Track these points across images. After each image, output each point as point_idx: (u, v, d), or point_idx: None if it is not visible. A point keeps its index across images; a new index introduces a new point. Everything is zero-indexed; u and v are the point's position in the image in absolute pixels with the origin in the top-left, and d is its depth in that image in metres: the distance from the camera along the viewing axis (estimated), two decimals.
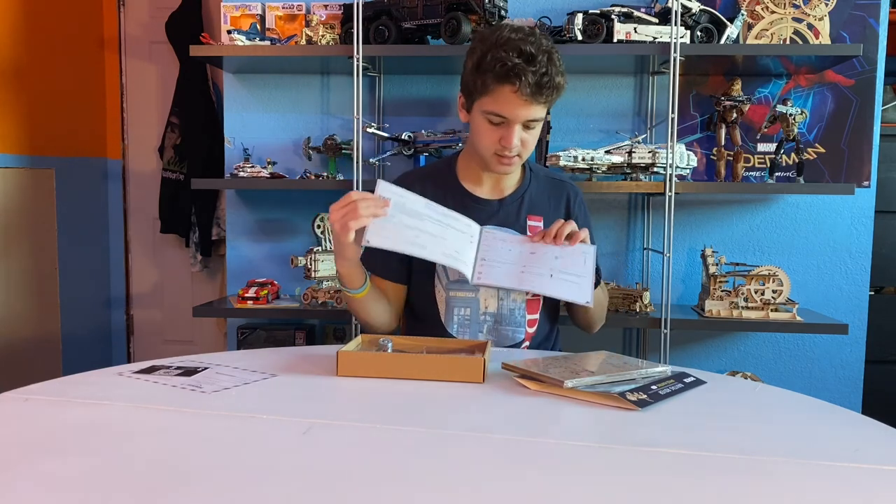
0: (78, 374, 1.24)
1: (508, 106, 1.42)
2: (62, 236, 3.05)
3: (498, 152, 1.48)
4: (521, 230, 1.57)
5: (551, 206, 1.62)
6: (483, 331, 1.58)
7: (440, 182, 1.62)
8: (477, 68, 1.43)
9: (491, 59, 1.40)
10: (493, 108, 1.44)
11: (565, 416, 1.07)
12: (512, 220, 1.59)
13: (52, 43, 3.00)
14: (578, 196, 1.66)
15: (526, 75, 1.38)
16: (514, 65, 1.37)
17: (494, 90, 1.42)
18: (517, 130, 1.45)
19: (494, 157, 1.50)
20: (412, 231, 1.38)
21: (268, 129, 2.45)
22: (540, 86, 1.39)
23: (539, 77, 1.38)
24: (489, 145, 1.49)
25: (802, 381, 2.38)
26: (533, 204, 1.61)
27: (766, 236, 2.36)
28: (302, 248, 2.39)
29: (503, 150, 1.47)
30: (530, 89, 1.39)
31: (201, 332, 3.37)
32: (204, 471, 0.83)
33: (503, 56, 1.38)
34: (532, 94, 1.40)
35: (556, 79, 1.41)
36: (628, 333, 2.45)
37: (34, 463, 0.84)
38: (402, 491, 0.79)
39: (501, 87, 1.40)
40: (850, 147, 2.30)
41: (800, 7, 2.19)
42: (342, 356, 1.25)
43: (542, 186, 1.64)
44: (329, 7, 2.27)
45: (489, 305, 1.58)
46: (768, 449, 0.93)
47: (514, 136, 1.45)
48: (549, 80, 1.39)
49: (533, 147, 1.51)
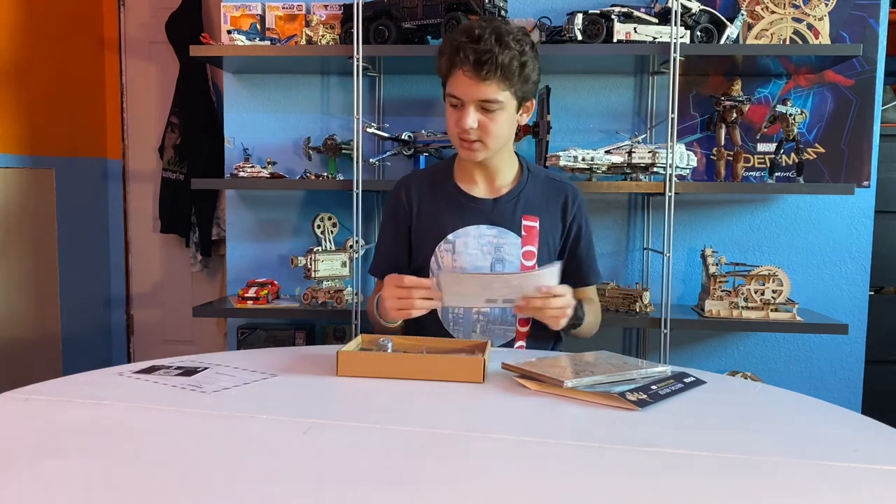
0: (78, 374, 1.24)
1: (459, 86, 1.48)
2: (62, 236, 3.05)
3: (460, 136, 1.53)
4: (517, 230, 1.59)
5: (548, 206, 1.63)
6: (476, 330, 1.61)
7: (437, 182, 1.66)
8: (438, 55, 1.53)
9: (445, 42, 1.52)
10: (450, 89, 1.51)
11: (565, 416, 1.07)
12: (507, 218, 1.60)
13: (52, 43, 3.00)
14: (578, 198, 1.66)
15: (466, 52, 1.44)
16: (459, 43, 1.45)
17: (450, 73, 1.50)
18: (471, 111, 1.48)
19: (458, 141, 1.55)
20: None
21: (268, 129, 2.45)
22: (480, 63, 1.43)
23: (480, 54, 1.43)
24: (452, 129, 1.54)
25: (802, 381, 2.38)
26: (529, 204, 1.62)
27: (766, 236, 2.36)
28: (302, 248, 2.39)
29: (462, 133, 1.51)
30: (471, 66, 1.44)
31: (201, 332, 3.37)
32: (204, 471, 0.83)
33: (453, 37, 1.48)
34: (474, 71, 1.44)
35: (499, 58, 1.43)
36: (628, 333, 2.45)
37: (34, 463, 0.84)
38: (402, 491, 0.79)
39: (454, 68, 1.48)
40: (849, 147, 2.30)
41: (800, 7, 2.19)
42: (342, 356, 1.25)
43: (540, 187, 1.65)
44: (329, 7, 2.27)
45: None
46: (768, 449, 0.93)
47: (467, 117, 1.48)
48: (490, 58, 1.42)
49: (498, 134, 1.52)
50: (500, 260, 1.59)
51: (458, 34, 1.48)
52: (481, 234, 1.60)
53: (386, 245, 1.71)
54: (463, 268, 1.59)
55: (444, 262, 1.61)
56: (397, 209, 1.68)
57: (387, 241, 1.71)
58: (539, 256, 1.60)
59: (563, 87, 2.33)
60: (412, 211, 1.66)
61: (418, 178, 1.70)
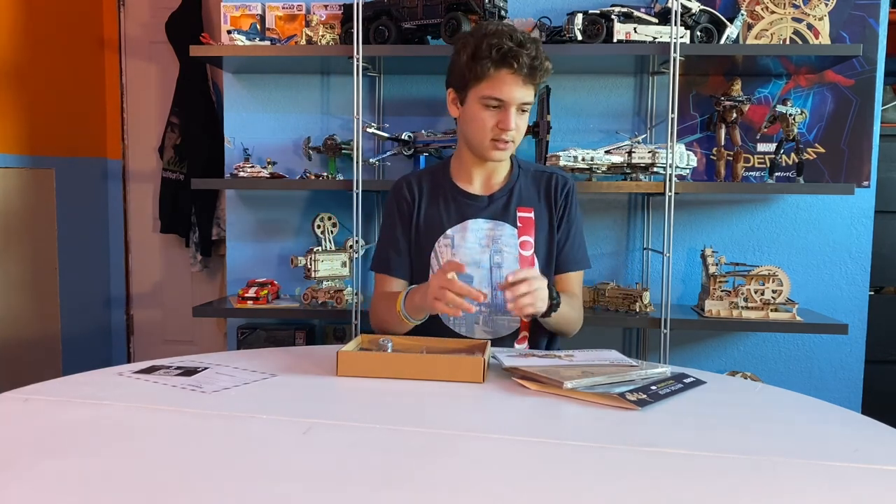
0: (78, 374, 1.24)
1: (506, 88, 1.51)
2: (62, 236, 3.05)
3: (495, 137, 1.56)
4: (511, 222, 1.64)
5: (539, 197, 1.68)
6: (479, 322, 1.62)
7: (436, 181, 1.71)
8: (473, 57, 1.53)
9: (486, 47, 1.50)
10: (490, 92, 1.52)
11: (565, 416, 1.07)
12: (501, 212, 1.65)
13: (52, 43, 3.00)
14: (566, 185, 1.69)
15: (522, 57, 1.49)
16: (510, 48, 1.49)
17: (493, 75, 1.51)
18: (513, 113, 1.53)
19: (490, 143, 1.57)
20: None
21: (268, 129, 2.45)
22: (534, 67, 1.50)
23: (531, 59, 1.50)
24: (486, 131, 1.56)
25: (802, 381, 2.37)
26: (522, 197, 1.67)
27: (766, 236, 2.36)
28: (302, 248, 2.39)
29: (500, 134, 1.55)
30: (527, 70, 1.50)
31: (201, 332, 3.37)
32: (204, 471, 0.83)
33: (498, 42, 1.49)
34: (528, 75, 1.51)
35: (545, 63, 1.53)
36: (628, 333, 2.45)
37: (34, 463, 0.84)
38: (402, 491, 0.79)
39: (499, 70, 1.51)
40: (849, 147, 2.30)
41: (800, 7, 2.19)
42: (342, 356, 1.25)
43: (530, 180, 1.70)
44: (329, 7, 2.27)
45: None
46: (768, 449, 0.93)
47: (511, 118, 1.53)
48: (540, 63, 1.52)
49: (524, 131, 1.60)
50: (498, 251, 1.63)
51: (496, 38, 1.49)
52: (479, 227, 1.64)
53: (391, 240, 1.71)
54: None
55: (444, 256, 1.63)
56: (401, 205, 1.70)
57: (392, 236, 1.71)
58: (536, 246, 1.63)
59: (563, 87, 2.33)
60: (415, 207, 1.69)
61: (418, 177, 1.73)
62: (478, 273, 1.62)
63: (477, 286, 1.59)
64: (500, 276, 1.60)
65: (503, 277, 1.58)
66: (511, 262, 1.62)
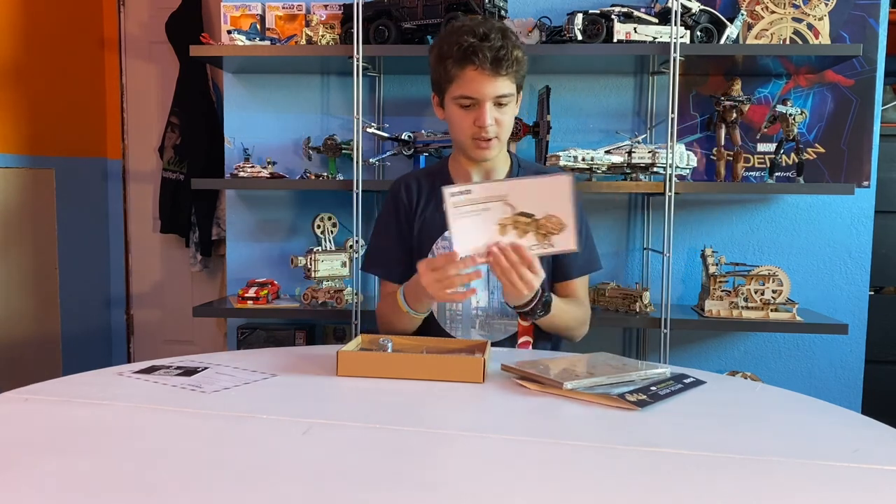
0: (78, 374, 1.24)
1: (474, 85, 1.48)
2: (62, 236, 3.05)
3: (475, 136, 1.53)
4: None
5: None
6: (475, 325, 1.61)
7: (434, 182, 1.67)
8: (438, 59, 1.51)
9: (448, 46, 1.49)
10: (461, 91, 1.50)
11: (565, 416, 1.07)
12: None
13: (52, 43, 3.00)
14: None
15: (482, 51, 1.45)
16: (469, 44, 1.45)
17: (458, 74, 1.49)
18: (489, 108, 1.50)
19: (473, 142, 1.55)
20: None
21: (268, 129, 2.45)
22: (498, 59, 1.46)
23: (496, 51, 1.45)
24: (466, 131, 1.54)
25: (802, 381, 2.37)
26: None
27: (766, 236, 2.36)
28: (302, 248, 2.39)
29: (479, 132, 1.52)
30: (489, 63, 1.46)
31: (201, 332, 3.37)
32: (204, 471, 0.83)
33: (458, 40, 1.47)
34: (493, 68, 1.46)
35: (513, 52, 1.47)
36: (628, 333, 2.45)
37: (34, 463, 0.84)
38: (402, 491, 0.79)
39: (464, 68, 1.48)
40: (849, 147, 2.30)
41: (800, 7, 2.19)
42: (342, 356, 1.25)
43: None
44: (329, 7, 2.27)
45: (480, 300, 1.60)
46: (768, 449, 0.93)
47: (486, 114, 1.50)
48: (506, 53, 1.46)
49: (509, 127, 1.56)
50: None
51: (457, 35, 1.47)
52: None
53: (386, 241, 1.70)
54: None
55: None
56: (398, 206, 1.68)
57: (387, 237, 1.70)
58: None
59: (563, 87, 2.33)
60: (413, 208, 1.67)
61: (416, 177, 1.71)
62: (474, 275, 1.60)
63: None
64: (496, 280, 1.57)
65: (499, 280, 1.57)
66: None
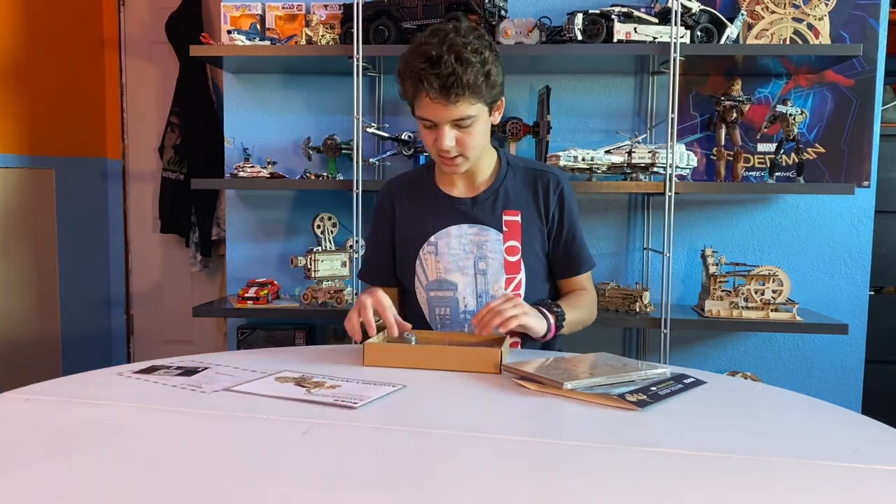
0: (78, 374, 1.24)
1: (429, 110, 1.45)
2: (62, 236, 3.05)
3: (439, 153, 1.51)
4: (497, 225, 1.59)
5: (528, 197, 1.61)
6: (465, 329, 1.60)
7: (418, 186, 1.66)
8: (399, 77, 1.48)
9: (404, 67, 1.45)
10: (420, 113, 1.48)
11: (565, 416, 1.07)
12: (486, 215, 1.59)
13: (52, 43, 3.00)
14: (560, 185, 1.62)
15: (429, 79, 1.39)
16: (419, 69, 1.40)
17: (415, 96, 1.46)
18: (447, 131, 1.46)
19: (439, 158, 1.53)
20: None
21: (268, 129, 2.45)
22: (446, 87, 1.39)
23: (444, 79, 1.38)
24: (431, 149, 1.52)
25: (802, 381, 2.37)
26: (509, 198, 1.60)
27: (766, 236, 2.36)
28: (302, 248, 2.39)
29: (441, 152, 1.49)
30: (436, 92, 1.40)
31: (201, 332, 3.37)
32: (204, 471, 0.83)
33: (412, 62, 1.42)
34: (441, 96, 1.40)
35: (463, 77, 1.39)
36: (628, 333, 2.45)
37: (34, 463, 0.84)
38: (402, 491, 0.79)
39: (418, 91, 1.44)
40: (850, 147, 2.30)
41: (800, 7, 2.19)
42: (368, 347, 1.31)
43: (520, 179, 1.62)
44: (329, 7, 2.27)
45: (468, 304, 1.60)
46: (768, 449, 0.93)
47: (444, 138, 1.46)
48: (455, 80, 1.38)
49: (477, 146, 1.51)
50: (482, 258, 1.58)
51: (414, 58, 1.42)
52: (462, 233, 1.59)
53: (372, 251, 1.72)
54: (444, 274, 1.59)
55: (428, 264, 1.60)
56: (382, 213, 1.68)
57: (372, 247, 1.72)
58: (524, 250, 1.59)
59: (563, 87, 2.33)
60: (394, 216, 1.66)
61: (399, 183, 1.70)
62: (462, 280, 1.59)
63: (462, 293, 1.59)
64: (484, 283, 1.58)
65: (488, 284, 1.58)
66: (496, 269, 1.57)
